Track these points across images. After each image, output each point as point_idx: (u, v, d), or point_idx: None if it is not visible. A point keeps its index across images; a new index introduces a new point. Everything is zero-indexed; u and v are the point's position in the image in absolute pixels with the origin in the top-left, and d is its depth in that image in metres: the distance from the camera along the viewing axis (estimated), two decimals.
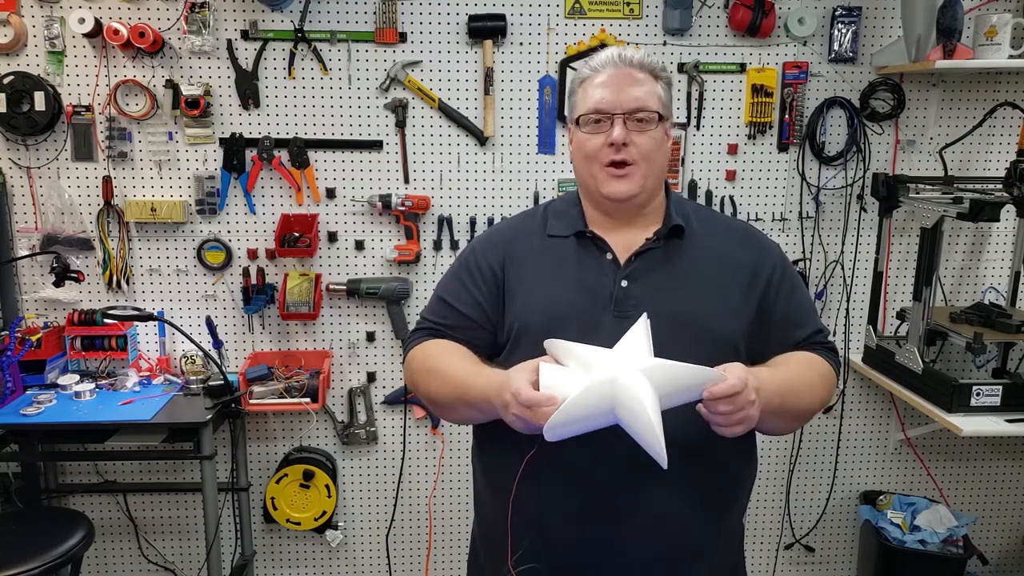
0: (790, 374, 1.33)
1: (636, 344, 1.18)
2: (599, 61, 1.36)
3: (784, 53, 2.63)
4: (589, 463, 1.27)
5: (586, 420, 1.13)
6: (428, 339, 1.44)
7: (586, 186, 1.40)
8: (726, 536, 1.41)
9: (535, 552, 1.31)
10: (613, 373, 1.11)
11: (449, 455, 2.82)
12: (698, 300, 1.33)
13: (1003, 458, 2.95)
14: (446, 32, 2.55)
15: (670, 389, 1.12)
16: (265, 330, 2.69)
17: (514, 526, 1.32)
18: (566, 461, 1.26)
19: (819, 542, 2.96)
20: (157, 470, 2.76)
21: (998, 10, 2.57)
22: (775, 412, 1.25)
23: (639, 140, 1.32)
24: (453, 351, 1.39)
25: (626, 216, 1.39)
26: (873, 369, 2.67)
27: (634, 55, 1.35)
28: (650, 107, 1.33)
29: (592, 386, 1.10)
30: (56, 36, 2.45)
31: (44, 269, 2.58)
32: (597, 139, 1.34)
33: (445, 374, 1.36)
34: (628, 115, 1.32)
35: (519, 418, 1.15)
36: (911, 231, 2.74)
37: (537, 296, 1.36)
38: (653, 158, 1.34)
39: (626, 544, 1.30)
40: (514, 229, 1.48)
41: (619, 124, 1.31)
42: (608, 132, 1.32)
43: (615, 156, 1.32)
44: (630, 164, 1.33)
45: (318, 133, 2.58)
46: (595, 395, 1.10)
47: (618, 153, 1.32)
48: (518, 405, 1.14)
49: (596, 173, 1.35)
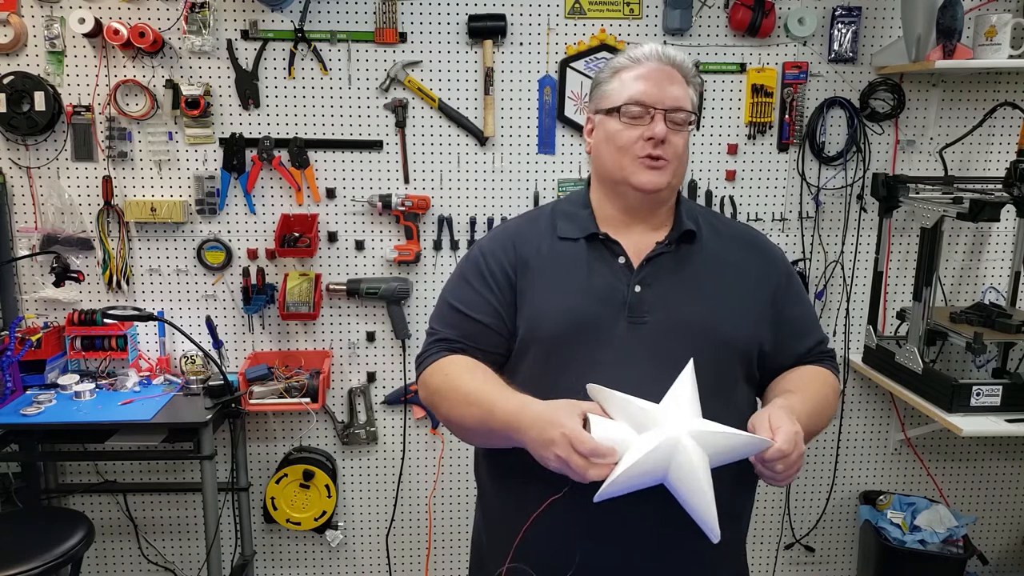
0: (815, 399, 1.33)
1: (684, 398, 1.16)
2: (641, 53, 1.34)
3: (784, 53, 2.63)
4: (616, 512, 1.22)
5: (639, 484, 1.11)
6: (444, 354, 1.36)
7: (611, 175, 1.36)
8: (735, 548, 1.41)
9: (541, 567, 1.29)
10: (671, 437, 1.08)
11: (449, 455, 2.82)
12: (711, 306, 1.32)
13: (1003, 458, 2.95)
14: (446, 32, 2.55)
15: (720, 453, 1.12)
16: (265, 330, 2.69)
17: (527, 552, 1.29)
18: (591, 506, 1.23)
19: (819, 542, 2.96)
20: (157, 470, 2.76)
21: (998, 10, 2.57)
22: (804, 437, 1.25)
23: (674, 140, 1.31)
24: (473, 369, 1.32)
25: (642, 213, 1.37)
26: (873, 369, 2.67)
27: (676, 55, 1.34)
28: (687, 108, 1.33)
29: (650, 452, 1.08)
30: (56, 36, 2.45)
31: (44, 269, 2.58)
32: (634, 131, 1.31)
33: (469, 396, 1.29)
34: (668, 112, 1.31)
35: (563, 461, 1.10)
36: (911, 231, 2.74)
37: (548, 302, 1.32)
38: (682, 158, 1.35)
39: (637, 557, 1.28)
40: (521, 231, 1.42)
41: (660, 120, 1.30)
42: (649, 126, 1.30)
43: (653, 151, 1.30)
44: (664, 160, 1.32)
45: (318, 133, 2.58)
46: (652, 460, 1.08)
47: (656, 148, 1.30)
48: (569, 448, 1.09)
49: (627, 164, 1.32)
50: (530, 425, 1.16)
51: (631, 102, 1.31)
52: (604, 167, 1.37)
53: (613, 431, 1.11)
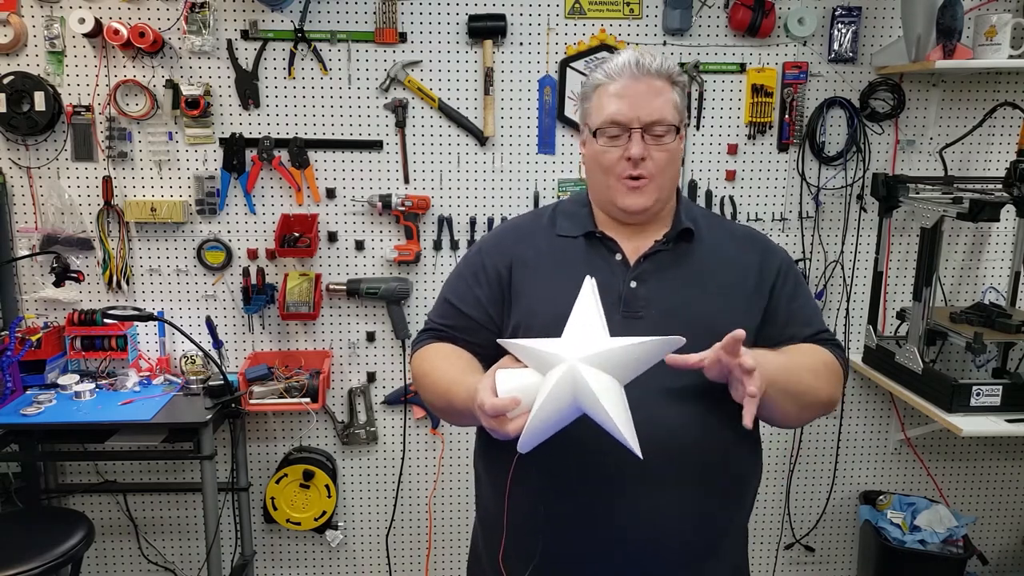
0: (792, 355, 1.32)
1: (586, 320, 1.14)
2: (614, 67, 1.32)
3: (784, 53, 2.63)
4: (588, 464, 1.26)
5: (555, 423, 1.11)
6: (431, 342, 1.43)
7: (600, 195, 1.39)
8: (733, 536, 1.41)
9: (535, 551, 1.31)
10: (566, 371, 1.07)
11: (449, 455, 2.82)
12: (707, 302, 1.33)
13: (1003, 458, 2.95)
14: (446, 32, 2.55)
15: (628, 366, 1.10)
16: (265, 330, 2.69)
17: (515, 526, 1.32)
18: (565, 462, 1.26)
19: (819, 542, 2.96)
20: (157, 470, 2.76)
21: (998, 10, 2.57)
22: (781, 389, 1.22)
23: (656, 155, 1.31)
24: (448, 355, 1.38)
25: (635, 223, 1.39)
26: (873, 369, 2.67)
27: (651, 63, 1.32)
28: (668, 120, 1.31)
29: (550, 392, 1.07)
30: (56, 36, 2.45)
31: (44, 269, 2.58)
32: (614, 152, 1.32)
33: (436, 380, 1.36)
34: (645, 128, 1.30)
35: (492, 429, 1.13)
36: (911, 231, 2.74)
37: (543, 296, 1.35)
38: (668, 171, 1.34)
39: (630, 545, 1.29)
40: (521, 229, 1.47)
41: (637, 139, 1.30)
42: (625, 146, 1.31)
43: (632, 171, 1.31)
44: (645, 178, 1.32)
45: (318, 133, 2.58)
46: (555, 398, 1.08)
47: (635, 168, 1.31)
48: (486, 417, 1.12)
49: (612, 185, 1.34)
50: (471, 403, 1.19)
51: (607, 123, 1.32)
52: (592, 186, 1.42)
53: (519, 380, 1.12)
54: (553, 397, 1.08)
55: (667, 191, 1.37)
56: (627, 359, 1.10)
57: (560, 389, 1.08)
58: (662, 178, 1.33)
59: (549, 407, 1.08)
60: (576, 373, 1.07)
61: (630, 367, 1.11)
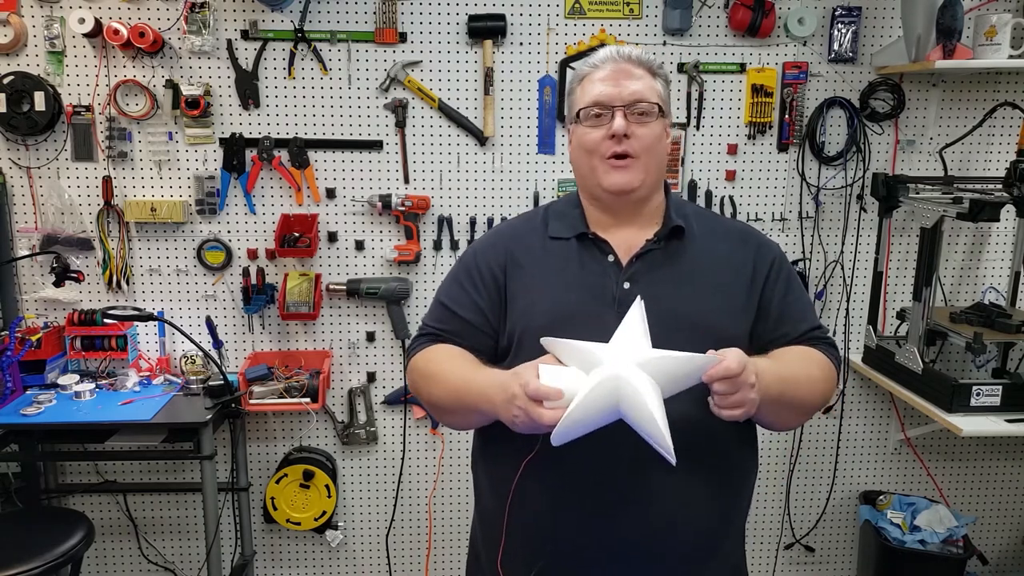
0: (789, 364, 1.33)
1: (633, 333, 1.17)
2: (598, 58, 1.37)
3: (784, 53, 2.63)
4: (592, 462, 1.26)
5: (592, 421, 1.13)
6: (429, 345, 1.43)
7: (585, 181, 1.39)
8: (734, 537, 1.41)
9: (541, 552, 1.31)
10: (614, 371, 1.10)
11: (449, 455, 2.82)
12: (700, 300, 1.33)
13: (1003, 458, 2.95)
14: (446, 32, 2.55)
15: (670, 379, 1.13)
16: (265, 330, 2.69)
17: (520, 526, 1.32)
18: (569, 461, 1.25)
19: (819, 542, 2.96)
20: (157, 470, 2.76)
21: (998, 10, 2.57)
22: (775, 400, 1.24)
23: (640, 132, 1.32)
24: (454, 354, 1.38)
25: (626, 214, 1.38)
26: (873, 369, 2.67)
27: (632, 51, 1.36)
28: (650, 99, 1.33)
29: (595, 388, 1.10)
30: (56, 36, 2.45)
31: (44, 269, 2.58)
32: (597, 132, 1.33)
33: (445, 376, 1.35)
34: (628, 107, 1.32)
35: (523, 412, 1.14)
36: (911, 231, 2.74)
37: (539, 298, 1.35)
38: (654, 151, 1.34)
39: (632, 543, 1.29)
40: (515, 231, 1.46)
41: (620, 115, 1.31)
42: (609, 125, 1.32)
43: (616, 148, 1.32)
44: (631, 156, 1.32)
45: (318, 133, 2.58)
46: (599, 396, 1.10)
47: (619, 144, 1.31)
48: (524, 397, 1.13)
49: (596, 165, 1.34)
50: (497, 390, 1.21)
51: (590, 104, 1.34)
52: (579, 173, 1.41)
53: (563, 376, 1.15)
54: (596, 394, 1.10)
55: (654, 175, 1.36)
56: (672, 370, 1.12)
57: (604, 388, 1.10)
58: (647, 157, 1.33)
59: (589, 403, 1.10)
60: (623, 376, 1.10)
61: (672, 379, 1.13)
